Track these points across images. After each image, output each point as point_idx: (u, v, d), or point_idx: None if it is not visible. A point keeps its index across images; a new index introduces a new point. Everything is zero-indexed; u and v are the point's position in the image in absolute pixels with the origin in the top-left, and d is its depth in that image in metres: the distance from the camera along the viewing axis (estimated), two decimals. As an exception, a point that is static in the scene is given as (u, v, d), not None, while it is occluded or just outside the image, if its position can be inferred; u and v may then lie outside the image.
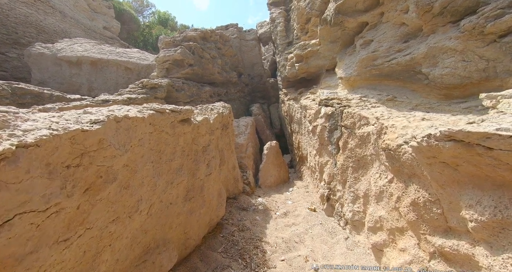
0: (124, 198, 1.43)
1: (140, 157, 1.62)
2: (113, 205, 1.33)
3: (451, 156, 1.52)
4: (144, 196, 1.64)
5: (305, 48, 6.20)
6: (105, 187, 1.22)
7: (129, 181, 1.47)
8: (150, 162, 1.77)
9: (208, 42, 8.45)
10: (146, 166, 1.70)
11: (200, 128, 2.73)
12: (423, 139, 1.66)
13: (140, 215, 1.61)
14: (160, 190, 1.92)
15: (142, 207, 1.62)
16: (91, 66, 8.86)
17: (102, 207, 1.24)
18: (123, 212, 1.42)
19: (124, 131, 1.42)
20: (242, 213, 3.92)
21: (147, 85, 4.82)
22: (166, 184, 2.03)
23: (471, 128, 1.29)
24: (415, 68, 3.56)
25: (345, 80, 4.88)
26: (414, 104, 3.60)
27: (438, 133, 1.50)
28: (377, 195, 2.82)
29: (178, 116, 2.25)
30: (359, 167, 3.49)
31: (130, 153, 1.47)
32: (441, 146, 1.53)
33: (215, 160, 3.09)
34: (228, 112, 4.81)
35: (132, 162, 1.52)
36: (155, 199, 1.82)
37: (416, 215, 2.08)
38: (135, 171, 1.55)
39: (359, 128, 3.51)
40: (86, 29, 15.03)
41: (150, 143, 1.82)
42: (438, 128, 1.57)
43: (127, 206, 1.45)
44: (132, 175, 1.51)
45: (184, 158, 2.36)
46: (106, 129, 1.23)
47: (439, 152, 1.58)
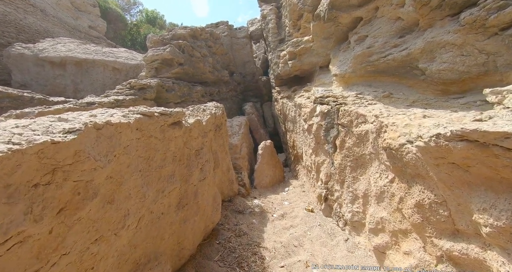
0: (108, 215, 1.27)
1: (126, 167, 1.46)
2: (95, 223, 1.17)
3: (462, 157, 1.42)
4: (131, 209, 1.48)
5: (298, 45, 6.09)
6: (84, 205, 1.06)
7: (113, 195, 1.31)
8: (137, 171, 1.61)
9: (198, 40, 8.22)
10: (134, 176, 1.54)
11: (192, 131, 2.58)
12: (431, 139, 1.56)
13: (127, 231, 1.46)
14: (150, 201, 1.76)
15: (130, 221, 1.47)
16: (76, 67, 8.50)
17: (82, 227, 1.09)
18: (108, 229, 1.26)
19: (106, 140, 1.26)
20: (238, 217, 3.79)
21: (135, 86, 4.60)
22: (157, 193, 1.88)
23: (488, 127, 1.20)
24: (411, 64, 3.49)
25: (340, 77, 4.80)
26: (411, 100, 3.54)
27: (449, 132, 1.41)
28: (377, 195, 2.74)
29: (168, 119, 2.09)
30: (358, 166, 3.40)
31: (114, 164, 1.32)
32: (451, 146, 1.43)
33: (209, 163, 2.94)
34: (221, 113, 4.65)
35: (116, 173, 1.36)
36: (145, 211, 1.66)
37: (421, 217, 1.99)
38: (121, 183, 1.39)
39: (357, 126, 3.42)
40: (70, 29, 14.47)
41: (138, 150, 1.66)
42: (447, 127, 1.47)
43: (112, 223, 1.29)
44: (117, 187, 1.36)
45: (175, 163, 2.20)
46: (84, 138, 1.07)
47: (448, 153, 1.49)
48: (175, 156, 2.20)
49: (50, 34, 12.03)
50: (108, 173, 1.25)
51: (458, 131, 1.33)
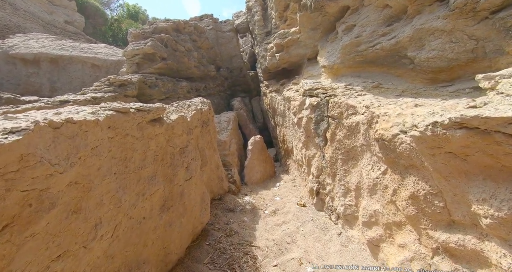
0: (74, 226, 1.11)
1: (96, 170, 1.29)
2: (57, 237, 1.01)
3: (460, 146, 1.35)
4: (105, 217, 1.32)
5: (285, 36, 5.94)
6: (38, 218, 0.90)
7: (80, 203, 1.15)
8: (111, 174, 1.44)
9: (182, 34, 7.90)
10: (106, 180, 1.37)
11: (175, 127, 2.41)
12: (427, 128, 1.48)
13: (101, 241, 1.30)
14: (128, 206, 1.60)
15: (103, 230, 1.31)
16: (51, 64, 8.00)
17: (38, 244, 0.93)
18: (74, 243, 1.10)
19: (66, 140, 1.09)
20: (229, 215, 3.67)
21: (115, 82, 4.32)
22: (137, 197, 1.71)
23: (489, 113, 1.12)
24: (400, 53, 3.43)
25: (328, 68, 4.70)
26: (400, 90, 3.49)
27: (447, 120, 1.32)
28: (370, 188, 2.68)
29: (147, 116, 1.91)
30: (349, 159, 3.34)
31: (79, 167, 1.15)
32: (449, 135, 1.35)
33: (195, 162, 2.78)
34: (208, 108, 4.47)
35: (83, 178, 1.19)
36: (122, 217, 1.50)
37: (416, 209, 1.94)
38: (89, 188, 1.22)
39: (347, 118, 3.34)
40: (44, 24, 13.62)
41: (111, 151, 1.49)
42: (444, 115, 1.39)
43: (79, 235, 1.13)
44: (85, 194, 1.19)
45: (157, 163, 2.04)
46: (33, 139, 0.90)
47: (446, 142, 1.41)
48: (157, 156, 2.03)
49: (22, 30, 11.28)
50: (72, 179, 1.08)
51: (457, 118, 1.25)
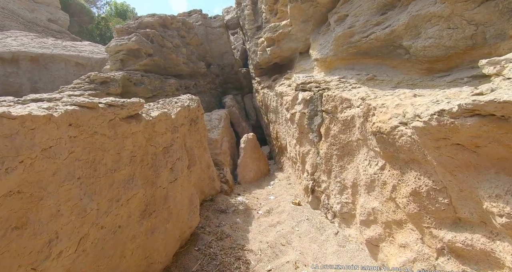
0: (16, 245, 0.91)
1: (50, 176, 1.09)
2: (-8, 260, 0.82)
3: (471, 136, 1.20)
4: (63, 230, 1.12)
5: (275, 30, 5.75)
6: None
7: (26, 216, 0.95)
8: (73, 179, 1.24)
9: (170, 29, 7.62)
10: (66, 186, 1.17)
11: (157, 125, 2.20)
12: (432, 117, 1.32)
13: (59, 259, 1.10)
14: (98, 214, 1.40)
15: (62, 246, 1.11)
16: (31, 63, 7.61)
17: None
18: (18, 266, 0.90)
19: (3, 140, 0.89)
20: (221, 217, 3.48)
21: (96, 80, 4.05)
22: (109, 204, 1.51)
23: (508, 96, 0.97)
24: (395, 42, 3.29)
25: (321, 61, 4.54)
26: (395, 81, 3.36)
27: (455, 107, 1.17)
28: (367, 184, 2.54)
29: (120, 112, 1.71)
30: (344, 154, 3.20)
31: (22, 173, 0.94)
32: (458, 124, 1.20)
33: (181, 162, 2.58)
34: (197, 105, 4.26)
35: (30, 186, 0.99)
36: (89, 228, 1.30)
37: (418, 207, 1.79)
38: (40, 197, 1.02)
39: (342, 111, 3.19)
40: (26, 22, 13.06)
41: (74, 152, 1.29)
42: (451, 102, 1.23)
43: (26, 255, 0.94)
44: (33, 205, 0.99)
45: (135, 165, 1.84)
46: None
47: (454, 132, 1.25)
48: (134, 156, 1.83)
49: (1, 28, 10.75)
50: (10, 187, 0.88)
51: (469, 104, 1.10)
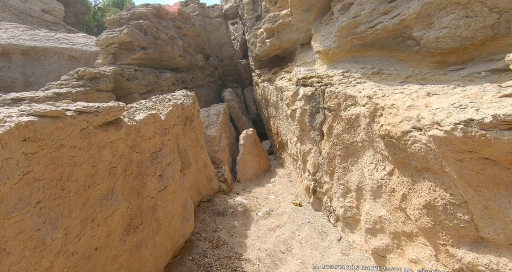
0: None
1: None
2: None
3: (506, 152, 0.98)
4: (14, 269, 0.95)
5: (275, 20, 5.43)
6: None
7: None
8: (28, 206, 1.05)
9: (165, 20, 7.28)
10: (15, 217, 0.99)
11: (142, 129, 2.00)
12: (457, 127, 1.11)
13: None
14: (68, 239, 1.23)
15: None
16: (23, 57, 7.35)
17: None
18: None
19: None
20: (218, 220, 3.34)
21: (85, 76, 3.82)
22: (82, 225, 1.34)
23: None
24: (404, 33, 3.02)
25: (323, 54, 4.27)
26: (404, 76, 3.11)
27: (489, 117, 0.96)
28: (374, 190, 2.35)
29: (95, 119, 1.50)
30: (348, 155, 3.00)
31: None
32: (491, 137, 0.99)
33: (172, 167, 2.40)
34: (192, 102, 4.03)
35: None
36: (52, 261, 1.13)
37: (432, 221, 1.60)
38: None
39: (346, 109, 2.97)
40: (18, 13, 12.65)
41: (32, 172, 1.10)
42: (482, 110, 1.02)
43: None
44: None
45: (116, 177, 1.65)
46: None
47: (484, 146, 1.04)
48: (114, 167, 1.64)
49: (-7, 21, 10.39)
50: None
51: (509, 116, 0.88)
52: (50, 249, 1.06)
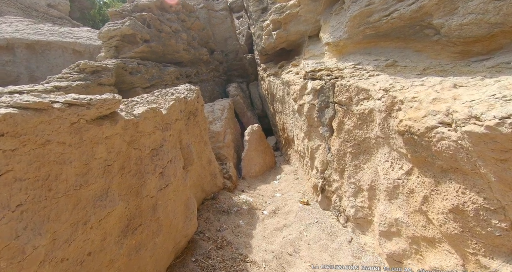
0: None
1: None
2: None
3: None
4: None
5: (282, 11, 5.20)
6: None
7: None
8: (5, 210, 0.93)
9: (168, 13, 7.11)
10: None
11: (141, 124, 1.87)
12: (505, 121, 0.94)
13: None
14: (55, 245, 1.11)
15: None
16: (28, 51, 7.31)
17: None
18: None
19: None
20: (222, 219, 3.22)
21: (86, 69, 3.71)
22: (73, 229, 1.22)
23: None
24: (423, 21, 2.79)
25: (333, 45, 4.05)
26: (421, 68, 2.89)
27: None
28: (389, 190, 2.18)
29: (87, 112, 1.37)
30: (360, 152, 2.82)
31: None
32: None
33: (174, 164, 2.27)
34: (196, 96, 3.90)
35: None
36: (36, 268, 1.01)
37: (460, 227, 1.44)
38: None
39: (358, 104, 2.79)
40: (24, 8, 12.65)
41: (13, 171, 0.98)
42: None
43: None
44: None
45: (112, 175, 1.53)
46: None
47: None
48: (110, 165, 1.51)
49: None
50: None
51: None
52: (31, 258, 0.95)
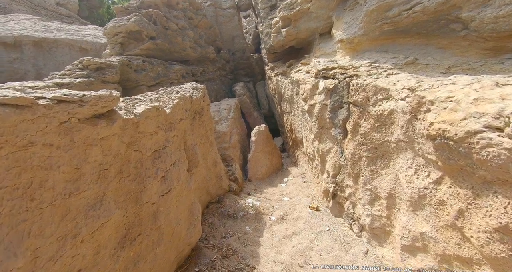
0: None
1: None
2: None
3: None
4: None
5: (292, 7, 5.01)
6: None
7: None
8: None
9: (175, 10, 6.99)
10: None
11: (142, 124, 1.71)
12: None
13: None
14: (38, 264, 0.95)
15: None
16: (35, 48, 7.29)
17: None
18: None
19: None
20: (228, 224, 3.05)
21: (90, 66, 3.60)
22: (60, 244, 1.07)
23: None
24: (449, 14, 2.57)
25: (347, 43, 3.84)
26: (445, 66, 2.66)
27: None
28: (413, 200, 1.97)
29: (79, 110, 1.21)
30: (377, 157, 2.61)
31: None
32: None
33: (177, 167, 2.11)
34: (201, 95, 3.74)
35: None
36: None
37: (509, 250, 1.23)
38: None
39: (376, 104, 2.58)
40: (33, 6, 12.74)
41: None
42: None
43: None
44: None
45: (107, 181, 1.37)
46: None
47: None
48: (106, 169, 1.35)
49: (8, 12, 10.48)
50: None
51: None
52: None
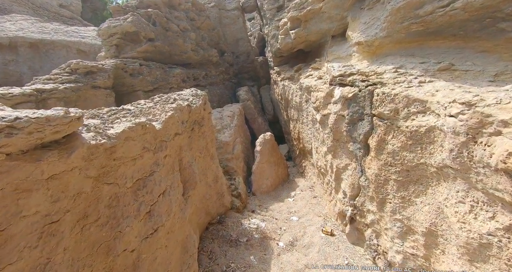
0: None
1: None
2: None
3: None
4: None
5: (303, 7, 4.62)
6: None
7: None
8: None
9: (177, 10, 6.66)
10: None
11: (119, 149, 1.31)
12: None
13: None
14: None
15: None
16: (31, 50, 7.00)
17: None
18: None
19: None
20: (230, 253, 2.63)
21: (79, 69, 3.23)
22: None
23: None
24: (496, 13, 2.16)
25: (365, 45, 3.43)
26: (491, 73, 2.23)
27: None
28: (470, 247, 1.53)
29: (7, 142, 0.81)
30: (410, 181, 2.18)
31: None
32: None
33: (168, 196, 1.70)
34: (202, 103, 3.34)
35: None
36: None
37: None
38: None
39: (408, 118, 2.15)
40: (35, 7, 12.55)
41: None
42: None
43: None
44: None
45: (57, 237, 0.98)
46: None
47: None
48: (55, 222, 0.95)
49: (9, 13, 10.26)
50: None
51: None
52: None
